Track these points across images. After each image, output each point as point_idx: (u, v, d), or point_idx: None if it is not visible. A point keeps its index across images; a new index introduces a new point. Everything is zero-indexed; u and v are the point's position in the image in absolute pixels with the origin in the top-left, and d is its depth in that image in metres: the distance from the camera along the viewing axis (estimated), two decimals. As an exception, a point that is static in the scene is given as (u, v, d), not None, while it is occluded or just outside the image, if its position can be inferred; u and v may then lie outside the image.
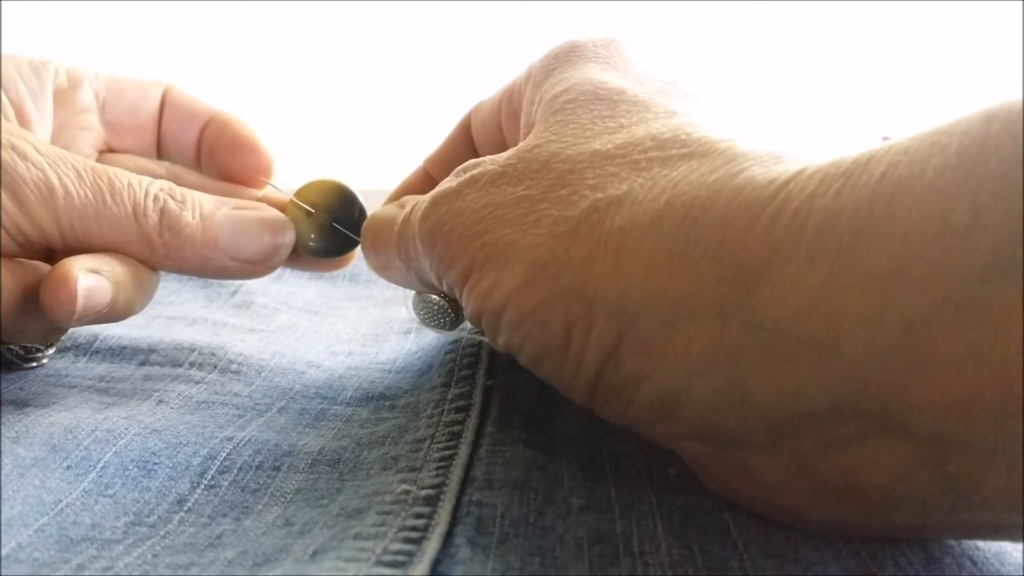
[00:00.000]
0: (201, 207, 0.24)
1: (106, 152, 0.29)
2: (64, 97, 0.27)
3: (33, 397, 0.22)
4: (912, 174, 0.12)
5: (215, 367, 0.26)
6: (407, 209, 0.22)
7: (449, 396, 0.22)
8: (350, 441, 0.21)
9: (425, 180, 0.30)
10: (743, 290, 0.14)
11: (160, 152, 0.30)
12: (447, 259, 0.19)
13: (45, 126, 0.26)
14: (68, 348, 0.26)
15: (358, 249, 0.27)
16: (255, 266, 0.25)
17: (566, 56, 0.23)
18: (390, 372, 0.26)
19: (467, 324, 0.25)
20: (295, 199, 0.26)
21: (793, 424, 0.14)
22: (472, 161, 0.21)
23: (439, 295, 0.24)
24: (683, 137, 0.17)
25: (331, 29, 0.79)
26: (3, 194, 0.21)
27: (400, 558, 0.15)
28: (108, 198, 0.22)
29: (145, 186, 0.23)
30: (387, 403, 0.24)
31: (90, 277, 0.22)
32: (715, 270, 0.15)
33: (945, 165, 0.12)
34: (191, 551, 0.16)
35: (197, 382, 0.24)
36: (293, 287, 0.37)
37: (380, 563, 0.14)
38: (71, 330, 0.27)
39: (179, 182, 0.26)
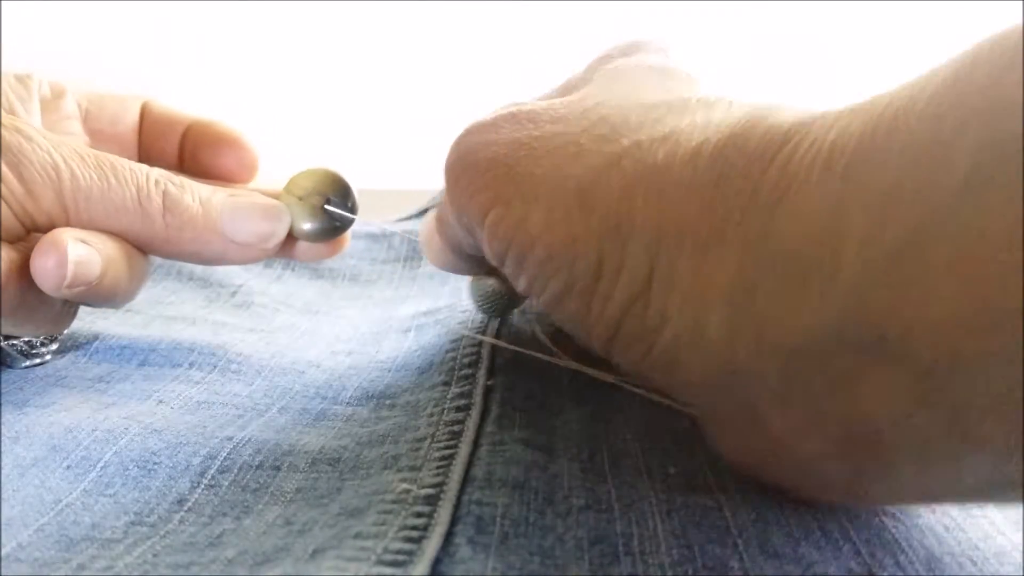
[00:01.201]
0: (200, 193, 0.25)
1: None
2: (49, 105, 0.27)
3: (33, 397, 0.22)
4: (911, 99, 0.13)
5: (215, 367, 0.26)
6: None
7: (450, 395, 0.22)
8: (350, 440, 0.21)
9: None
10: (764, 218, 0.15)
11: (142, 159, 0.30)
12: (470, 189, 0.19)
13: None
14: (68, 348, 0.26)
15: (349, 236, 0.28)
16: (252, 249, 0.26)
17: (600, 63, 0.22)
18: (390, 371, 0.26)
19: (473, 326, 0.25)
20: (286, 187, 0.27)
21: (804, 359, 0.14)
22: (514, 100, 0.21)
23: (493, 279, 0.25)
24: (729, 98, 0.18)
25: (331, 29, 0.79)
26: (10, 175, 0.21)
27: (400, 557, 0.15)
28: (112, 180, 0.23)
29: (146, 171, 0.24)
30: (387, 402, 0.24)
31: (80, 246, 0.22)
32: (741, 200, 0.15)
33: (938, 88, 0.13)
34: (191, 550, 0.16)
35: (197, 382, 0.24)
36: (293, 287, 0.37)
37: (380, 562, 0.14)
38: (72, 330, 0.27)
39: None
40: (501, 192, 0.18)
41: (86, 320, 0.28)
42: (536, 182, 0.18)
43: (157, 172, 0.24)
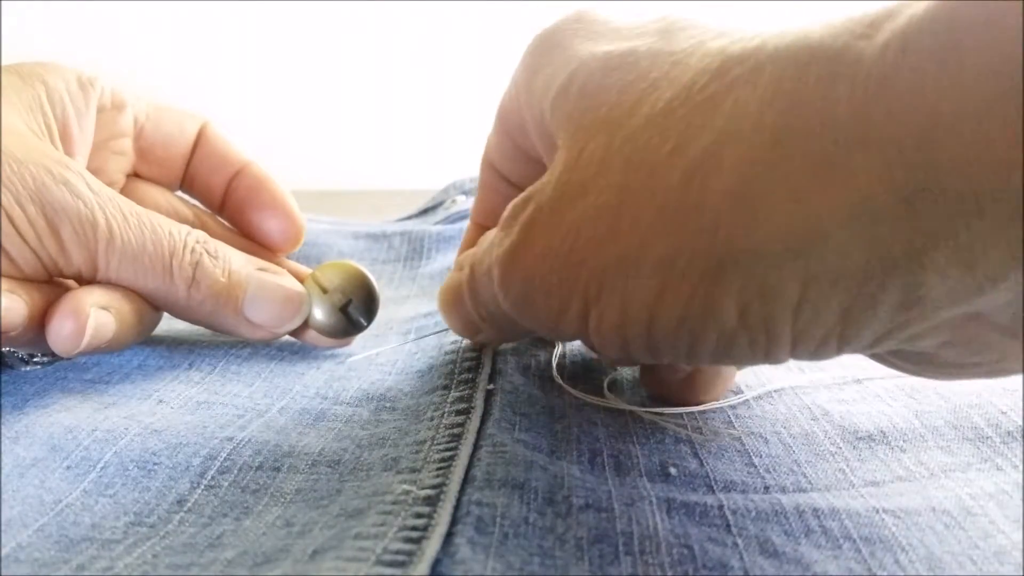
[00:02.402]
0: (230, 265, 0.25)
1: (132, 176, 0.29)
2: (105, 118, 0.27)
3: (33, 397, 0.22)
4: None
5: (215, 368, 0.26)
6: (465, 271, 0.21)
7: (450, 399, 0.22)
8: (350, 443, 0.21)
9: (480, 234, 0.29)
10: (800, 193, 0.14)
11: (184, 186, 0.30)
12: (553, 313, 0.17)
13: (85, 147, 0.26)
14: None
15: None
16: (264, 331, 0.26)
17: (543, 48, 0.21)
18: (390, 374, 0.26)
19: None
20: (313, 275, 0.27)
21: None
22: (513, 205, 0.19)
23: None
24: (730, 59, 0.15)
25: (331, 29, 0.79)
26: (47, 230, 0.21)
27: (400, 558, 0.15)
28: (149, 244, 0.23)
29: (184, 236, 0.24)
30: (387, 404, 0.24)
31: (101, 314, 0.22)
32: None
33: None
34: (191, 551, 0.16)
35: (197, 383, 0.24)
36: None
37: (380, 563, 0.14)
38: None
39: (205, 229, 0.27)
40: (588, 295, 0.17)
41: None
42: (617, 263, 0.16)
43: (195, 237, 0.24)
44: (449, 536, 0.15)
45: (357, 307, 0.27)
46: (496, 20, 0.78)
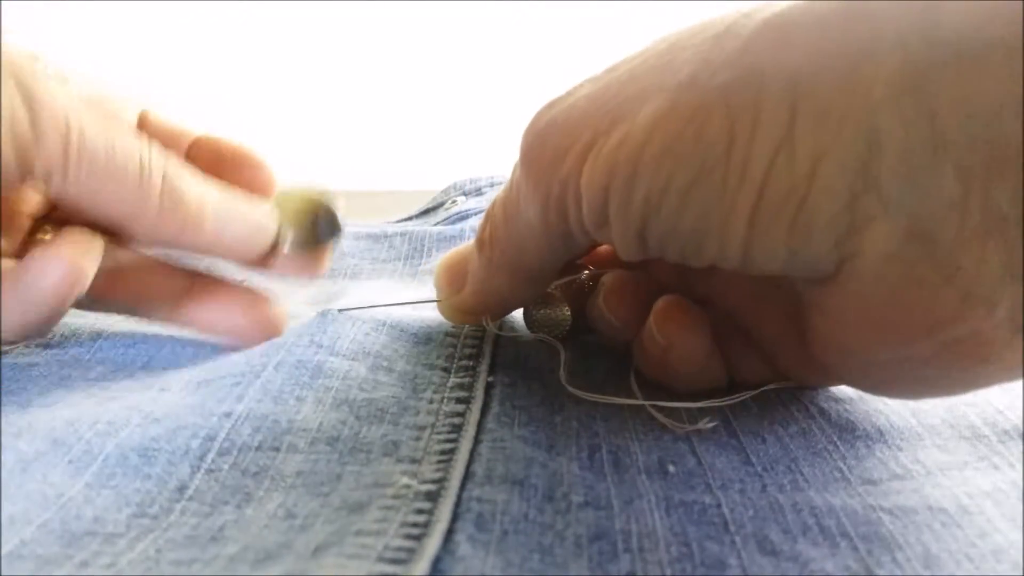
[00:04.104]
0: (196, 186, 0.24)
1: None
2: None
3: (36, 396, 0.23)
4: None
5: (216, 356, 0.26)
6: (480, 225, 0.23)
7: (450, 383, 0.22)
8: (348, 413, 0.21)
9: None
10: (928, 14, 0.14)
11: None
12: (563, 147, 0.18)
13: None
14: (71, 346, 0.26)
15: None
16: (236, 251, 0.25)
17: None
18: (385, 323, 0.26)
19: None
20: (276, 197, 0.27)
21: (975, 149, 0.14)
22: None
23: (550, 307, 0.26)
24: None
25: (331, 29, 0.79)
26: (25, 119, 0.21)
27: (401, 555, 0.15)
28: (117, 147, 0.22)
29: (151, 151, 0.23)
30: (384, 364, 0.24)
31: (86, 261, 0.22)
32: (896, 4, 0.15)
33: None
34: (193, 545, 0.16)
35: (199, 365, 0.24)
36: (294, 285, 0.37)
37: (382, 560, 0.14)
38: (75, 328, 0.27)
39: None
40: (598, 128, 0.18)
41: (89, 318, 0.28)
42: (637, 96, 0.17)
43: (158, 148, 0.23)
44: (449, 533, 0.15)
45: (323, 223, 0.27)
46: (496, 20, 0.78)
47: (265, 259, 0.27)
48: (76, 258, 0.23)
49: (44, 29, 0.75)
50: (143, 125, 0.29)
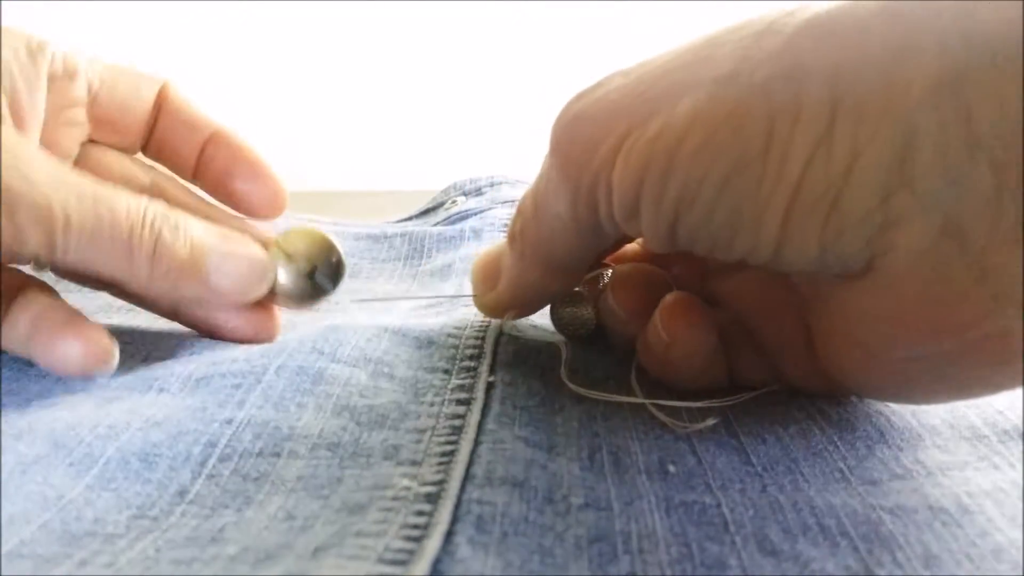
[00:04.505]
0: (191, 235, 0.24)
1: (87, 144, 0.28)
2: (57, 86, 0.26)
3: (35, 396, 0.23)
4: None
5: (214, 348, 0.26)
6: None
7: (451, 385, 0.22)
8: (349, 419, 0.21)
9: None
10: (966, 16, 0.15)
11: (148, 151, 0.29)
12: (595, 138, 0.18)
13: (37, 120, 0.25)
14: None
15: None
16: (230, 300, 0.25)
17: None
18: (386, 330, 0.26)
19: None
20: (278, 241, 0.26)
21: (1010, 148, 0.14)
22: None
23: (577, 306, 0.26)
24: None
25: (331, 29, 0.79)
26: (2, 213, 0.20)
27: (401, 556, 0.15)
28: (106, 222, 0.22)
29: (142, 211, 0.23)
30: (385, 370, 0.24)
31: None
32: (929, 8, 0.15)
33: None
34: (193, 545, 0.16)
35: (196, 359, 0.24)
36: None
37: (382, 561, 0.14)
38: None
39: (163, 195, 0.26)
40: (632, 121, 0.18)
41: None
42: (670, 93, 0.17)
43: (154, 211, 0.23)
44: (449, 534, 0.15)
45: (323, 273, 0.26)
46: (496, 20, 0.78)
47: (262, 302, 0.26)
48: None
49: (44, 29, 0.75)
50: (163, 107, 0.28)
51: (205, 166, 0.29)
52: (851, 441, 0.21)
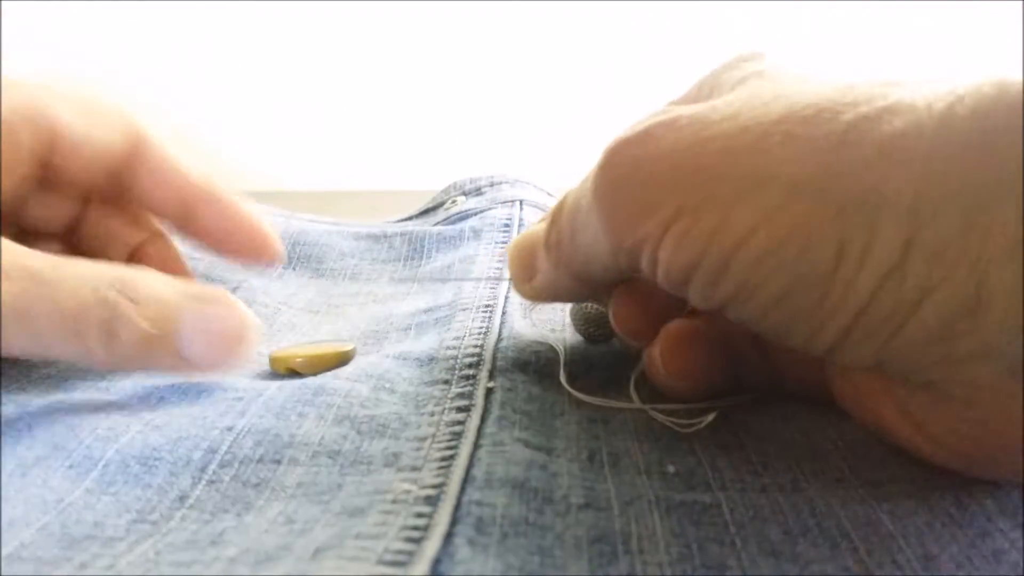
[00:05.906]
0: (157, 301, 0.21)
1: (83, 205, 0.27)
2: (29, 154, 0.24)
3: (36, 399, 0.23)
4: None
5: None
6: (548, 215, 0.22)
7: (451, 394, 0.22)
8: (350, 428, 0.21)
9: None
10: None
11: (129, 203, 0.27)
12: (642, 208, 0.17)
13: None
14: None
15: None
16: (205, 370, 0.22)
17: (727, 71, 0.20)
18: (388, 356, 0.26)
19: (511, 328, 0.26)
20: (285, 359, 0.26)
21: None
22: (658, 109, 0.18)
23: (595, 305, 0.25)
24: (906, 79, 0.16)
25: (331, 29, 0.79)
26: None
27: (401, 557, 0.15)
28: (45, 303, 0.20)
29: (92, 284, 0.20)
30: (386, 385, 0.24)
31: None
32: (1014, 152, 0.14)
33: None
34: (193, 548, 0.16)
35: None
36: (294, 287, 0.37)
37: (381, 562, 0.14)
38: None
39: (145, 256, 0.26)
40: (686, 202, 0.16)
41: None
42: (732, 181, 0.16)
43: (108, 282, 0.20)
44: (449, 536, 0.15)
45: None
46: (496, 20, 0.78)
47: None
48: None
49: (43, 30, 0.75)
50: (136, 158, 0.26)
51: (191, 227, 0.27)
52: (851, 442, 0.21)
